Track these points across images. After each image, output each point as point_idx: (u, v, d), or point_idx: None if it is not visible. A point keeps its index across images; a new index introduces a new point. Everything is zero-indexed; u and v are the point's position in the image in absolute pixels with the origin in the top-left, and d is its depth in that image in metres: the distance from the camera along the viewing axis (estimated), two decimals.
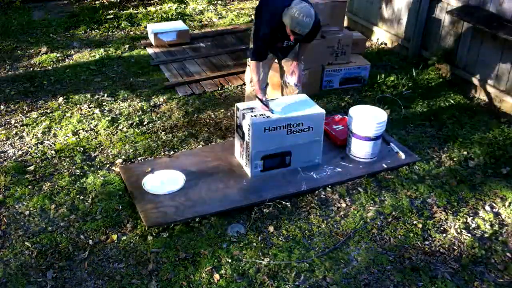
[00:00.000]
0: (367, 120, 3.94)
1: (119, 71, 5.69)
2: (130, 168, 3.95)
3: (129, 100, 5.03)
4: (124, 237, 3.31)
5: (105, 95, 5.10)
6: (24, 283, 2.96)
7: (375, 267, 3.12)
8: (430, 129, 4.62)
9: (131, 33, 6.80)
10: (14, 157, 4.12)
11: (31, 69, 5.67)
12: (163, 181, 3.77)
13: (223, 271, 3.05)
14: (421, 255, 3.22)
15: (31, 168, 3.97)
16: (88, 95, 5.08)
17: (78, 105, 4.89)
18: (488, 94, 5.07)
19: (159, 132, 4.50)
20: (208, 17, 7.51)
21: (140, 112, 4.81)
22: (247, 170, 3.86)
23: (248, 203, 3.57)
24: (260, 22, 3.77)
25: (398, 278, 3.04)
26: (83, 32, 6.78)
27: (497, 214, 3.59)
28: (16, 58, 5.96)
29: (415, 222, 3.50)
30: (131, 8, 7.73)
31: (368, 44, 6.42)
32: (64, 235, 3.32)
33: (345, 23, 6.96)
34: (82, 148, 4.24)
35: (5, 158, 4.11)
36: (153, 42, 6.30)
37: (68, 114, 4.75)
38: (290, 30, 3.55)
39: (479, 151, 4.23)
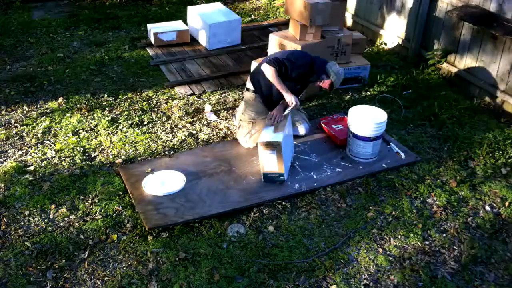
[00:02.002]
0: (367, 120, 3.94)
1: (119, 71, 5.69)
2: (130, 168, 3.95)
3: (129, 100, 5.03)
4: (124, 237, 3.31)
5: (105, 95, 5.10)
6: (24, 283, 2.96)
7: (375, 267, 3.13)
8: (430, 129, 4.62)
9: (131, 33, 6.80)
10: (14, 157, 4.12)
11: (31, 69, 5.67)
12: (163, 182, 3.77)
13: (223, 271, 3.05)
14: (421, 255, 3.22)
15: (31, 168, 3.97)
16: (88, 95, 5.08)
17: (78, 105, 4.89)
18: (488, 94, 5.07)
19: (159, 132, 4.50)
20: None
21: (140, 112, 4.81)
22: None
23: (249, 204, 3.57)
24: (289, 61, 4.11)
25: (398, 278, 3.05)
26: (83, 32, 6.78)
27: (497, 214, 3.59)
28: (16, 58, 5.97)
29: (415, 222, 3.50)
30: (131, 8, 7.73)
31: (367, 43, 6.42)
32: (64, 235, 3.32)
33: (349, 24, 6.97)
34: (82, 148, 4.24)
35: (5, 158, 4.11)
36: (153, 42, 6.30)
37: (68, 114, 4.75)
38: (331, 82, 4.14)
39: (479, 151, 4.23)
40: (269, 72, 4.01)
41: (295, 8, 4.95)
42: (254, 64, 5.12)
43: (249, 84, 4.32)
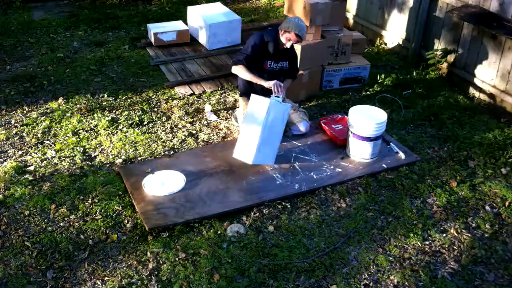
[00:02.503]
0: (367, 120, 3.94)
1: (119, 71, 5.69)
2: (130, 168, 3.95)
3: (129, 100, 5.03)
4: (124, 237, 3.31)
5: (105, 95, 5.10)
6: (24, 283, 2.97)
7: (375, 267, 3.13)
8: (430, 129, 4.62)
9: (131, 33, 6.80)
10: (14, 157, 4.12)
11: (31, 69, 5.67)
12: (163, 182, 3.77)
13: (223, 271, 3.05)
14: (421, 255, 3.22)
15: (31, 168, 3.97)
16: (88, 95, 5.08)
17: (78, 105, 4.89)
18: (488, 94, 5.08)
19: (159, 132, 4.50)
20: None
21: (140, 112, 4.81)
22: None
23: (248, 204, 3.57)
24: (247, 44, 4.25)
25: (398, 278, 3.05)
26: (83, 32, 6.78)
27: (497, 214, 3.59)
28: (16, 58, 5.97)
29: (415, 222, 3.50)
30: (131, 8, 7.73)
31: (367, 43, 6.42)
32: (64, 235, 3.32)
33: (350, 24, 6.97)
34: (82, 148, 4.24)
35: (5, 158, 4.11)
36: (153, 42, 6.30)
37: (68, 114, 4.75)
38: (294, 34, 4.09)
39: (479, 151, 4.23)
40: (237, 71, 4.13)
41: (295, 8, 4.95)
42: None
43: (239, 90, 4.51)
